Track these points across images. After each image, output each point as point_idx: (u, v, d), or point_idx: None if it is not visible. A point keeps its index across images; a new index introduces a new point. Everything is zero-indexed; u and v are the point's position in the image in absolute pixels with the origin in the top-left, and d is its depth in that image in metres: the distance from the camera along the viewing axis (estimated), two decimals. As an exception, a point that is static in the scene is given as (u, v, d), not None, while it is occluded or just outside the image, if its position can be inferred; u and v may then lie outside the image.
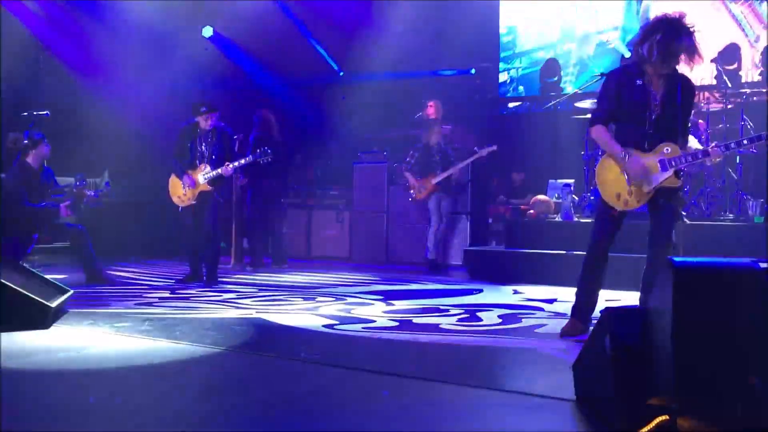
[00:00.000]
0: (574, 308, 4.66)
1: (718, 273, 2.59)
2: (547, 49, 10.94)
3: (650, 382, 2.60)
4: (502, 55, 11.47)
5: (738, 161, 7.86)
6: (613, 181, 4.47)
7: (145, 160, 10.17)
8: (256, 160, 7.34)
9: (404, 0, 11.06)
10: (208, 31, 11.66)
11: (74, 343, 4.27)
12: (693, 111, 4.44)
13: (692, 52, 4.21)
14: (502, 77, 11.52)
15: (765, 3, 9.19)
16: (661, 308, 2.60)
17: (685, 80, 4.44)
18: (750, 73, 9.29)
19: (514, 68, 11.44)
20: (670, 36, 4.18)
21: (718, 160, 4.41)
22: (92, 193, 7.29)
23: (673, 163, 4.32)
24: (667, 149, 4.34)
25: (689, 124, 4.55)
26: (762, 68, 9.19)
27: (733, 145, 4.57)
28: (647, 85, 4.35)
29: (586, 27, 10.71)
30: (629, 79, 4.40)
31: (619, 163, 4.43)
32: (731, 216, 7.53)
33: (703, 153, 4.40)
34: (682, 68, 4.40)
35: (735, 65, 9.08)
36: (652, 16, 9.73)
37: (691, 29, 4.21)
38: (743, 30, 9.39)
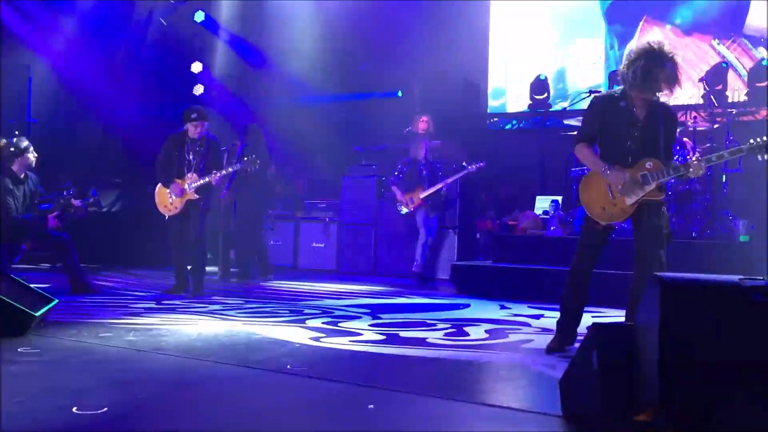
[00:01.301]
0: (559, 324, 4.68)
1: (705, 290, 2.61)
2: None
3: (637, 398, 2.61)
4: (494, 119, 11.56)
5: (724, 180, 7.93)
6: (597, 195, 4.55)
7: (132, 169, 10.14)
8: (243, 169, 7.32)
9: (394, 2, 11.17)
10: (197, 67, 11.76)
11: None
12: (676, 136, 4.55)
13: (673, 78, 4.34)
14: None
15: (761, 47, 9.26)
16: (648, 324, 2.61)
17: (667, 108, 4.58)
18: (736, 93, 9.38)
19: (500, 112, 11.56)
20: (652, 61, 4.32)
21: (701, 172, 4.45)
22: (79, 203, 7.23)
23: (655, 176, 4.39)
24: (649, 164, 4.41)
25: (672, 149, 4.61)
26: (747, 88, 9.29)
27: (714, 158, 4.61)
28: (630, 107, 4.47)
29: (576, 86, 10.78)
30: (613, 101, 4.54)
31: (602, 177, 4.51)
32: (717, 234, 7.58)
33: (684, 166, 4.45)
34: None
35: (721, 86, 9.16)
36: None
37: (672, 56, 4.34)
38: (735, 70, 9.48)
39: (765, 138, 4.33)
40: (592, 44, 10.72)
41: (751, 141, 4.43)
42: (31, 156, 7.16)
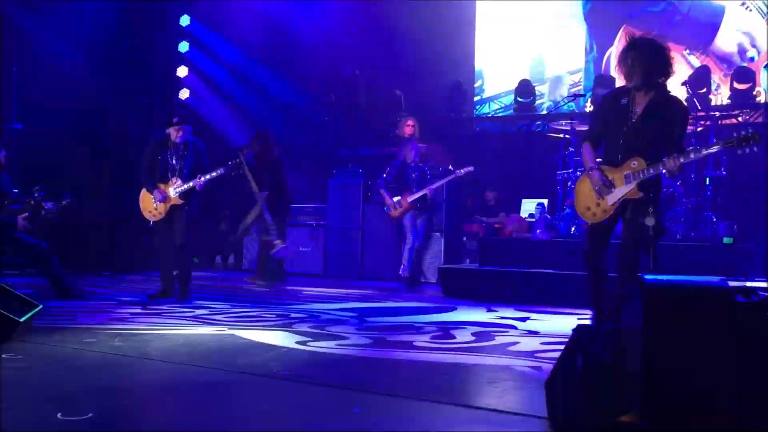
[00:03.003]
0: (590, 302, 4.87)
1: (688, 291, 2.63)
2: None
3: (621, 400, 2.63)
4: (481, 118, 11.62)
5: (707, 183, 8.00)
6: (585, 195, 4.70)
7: (118, 174, 10.09)
8: (227, 173, 7.27)
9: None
10: (183, 71, 11.73)
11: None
12: (680, 129, 4.57)
13: (642, 63, 4.42)
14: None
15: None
16: (632, 326, 2.63)
17: (671, 102, 4.60)
18: (719, 96, 9.47)
19: (484, 114, 11.56)
20: (622, 51, 4.52)
21: (675, 169, 4.42)
22: (51, 206, 7.13)
23: (635, 176, 4.47)
24: (634, 163, 4.49)
25: (679, 142, 4.57)
26: (730, 92, 9.37)
27: (692, 154, 4.61)
28: (630, 103, 4.55)
29: (555, 70, 10.85)
30: (615, 99, 4.66)
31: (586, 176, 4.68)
32: (701, 237, 7.63)
33: (662, 164, 4.46)
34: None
35: (705, 89, 9.25)
36: (612, 63, 10.03)
37: (641, 44, 4.44)
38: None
39: (742, 133, 4.35)
40: (574, 34, 10.83)
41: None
42: (0, 154, 7.03)
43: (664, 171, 4.44)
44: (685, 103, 4.79)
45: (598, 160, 4.80)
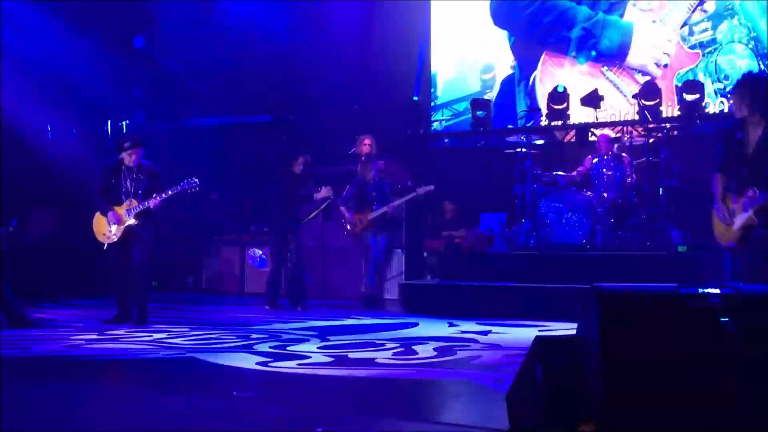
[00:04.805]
0: None
1: (642, 299, 2.67)
2: (469, 98, 11.07)
3: (580, 409, 2.65)
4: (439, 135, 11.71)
5: (661, 193, 8.15)
6: (717, 221, 5.14)
7: (70, 197, 9.90)
8: (183, 190, 7.16)
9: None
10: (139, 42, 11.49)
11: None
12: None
13: (736, 100, 4.98)
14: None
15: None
16: (589, 335, 2.65)
17: None
18: (670, 108, 9.67)
19: (437, 120, 11.64)
20: (732, 87, 5.17)
21: None
22: None
23: (752, 204, 4.82)
24: (750, 192, 4.83)
25: None
26: (679, 104, 9.58)
27: None
28: (744, 137, 4.94)
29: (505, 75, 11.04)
30: (732, 133, 5.05)
31: None
32: (656, 246, 7.76)
33: None
34: None
35: (656, 101, 9.43)
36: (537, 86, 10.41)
37: (741, 79, 5.03)
38: (620, 90, 9.95)
39: None
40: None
41: None
42: None
43: None
44: None
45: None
